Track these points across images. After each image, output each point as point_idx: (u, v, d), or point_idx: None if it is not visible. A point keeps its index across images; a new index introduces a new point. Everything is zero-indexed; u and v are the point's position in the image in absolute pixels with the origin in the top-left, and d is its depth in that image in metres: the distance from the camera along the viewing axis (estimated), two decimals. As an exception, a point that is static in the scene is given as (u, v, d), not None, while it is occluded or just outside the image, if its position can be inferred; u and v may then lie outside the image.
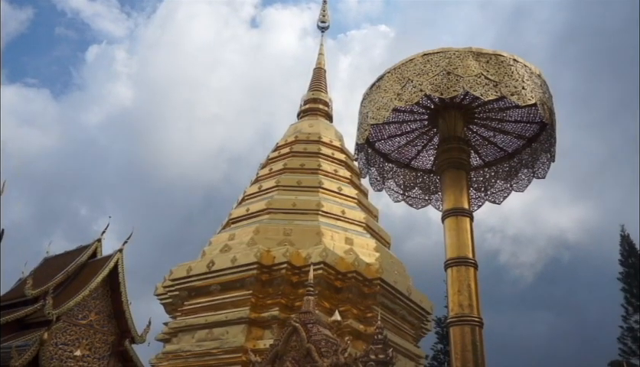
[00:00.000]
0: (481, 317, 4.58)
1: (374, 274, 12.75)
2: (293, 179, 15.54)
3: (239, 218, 15.43)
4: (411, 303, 13.82)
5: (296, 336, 7.37)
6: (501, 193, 6.65)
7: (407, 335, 13.88)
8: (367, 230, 14.92)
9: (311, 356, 7.04)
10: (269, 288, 12.60)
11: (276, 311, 11.98)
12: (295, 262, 12.44)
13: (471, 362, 4.29)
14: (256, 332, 12.13)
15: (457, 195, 5.46)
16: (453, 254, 4.86)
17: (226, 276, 13.06)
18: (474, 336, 4.43)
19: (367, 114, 5.60)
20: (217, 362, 12.00)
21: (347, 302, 12.36)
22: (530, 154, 6.48)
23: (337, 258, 12.62)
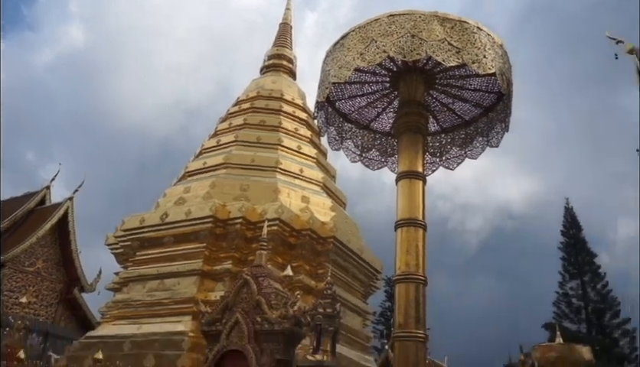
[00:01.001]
0: (426, 276, 4.77)
1: (328, 232, 12.96)
2: (253, 135, 15.36)
3: (195, 171, 15.22)
4: (362, 262, 14.19)
5: (247, 289, 7.46)
6: (455, 159, 6.83)
7: (357, 292, 14.31)
8: (324, 190, 15.05)
9: (261, 308, 7.17)
10: (223, 242, 12.61)
11: (229, 264, 12.06)
12: (250, 218, 12.46)
13: (413, 316, 4.50)
14: (208, 285, 12.21)
15: (412, 158, 5.57)
16: (404, 215, 5.00)
17: (180, 228, 12.96)
18: (417, 293, 4.63)
19: (329, 72, 5.56)
20: (168, 311, 12.05)
21: (300, 258, 12.57)
22: (486, 123, 6.65)
23: (292, 216, 12.72)
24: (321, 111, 6.38)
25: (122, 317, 12.78)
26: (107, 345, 11.59)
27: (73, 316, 24.23)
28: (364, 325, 14.54)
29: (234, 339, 7.34)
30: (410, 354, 4.38)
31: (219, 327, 7.59)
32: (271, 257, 11.85)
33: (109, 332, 12.49)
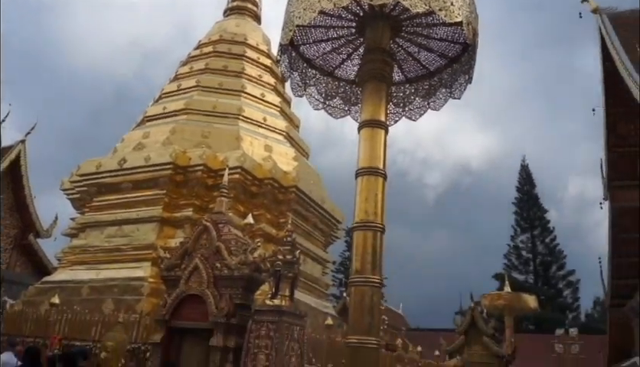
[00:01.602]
0: (384, 224, 4.84)
1: (290, 182, 12.95)
2: (215, 80, 14.91)
3: (155, 116, 14.75)
4: (323, 211, 14.34)
5: (207, 235, 7.42)
6: (418, 110, 6.83)
7: (317, 241, 14.53)
8: (287, 139, 14.92)
9: (221, 254, 7.18)
10: (184, 189, 12.44)
11: (190, 212, 11.95)
12: (211, 165, 12.27)
13: (369, 262, 4.58)
14: (168, 231, 12.10)
15: (375, 106, 5.53)
16: (365, 163, 5.00)
17: (139, 174, 12.67)
18: (375, 241, 4.70)
19: (293, 13, 5.36)
20: (127, 257, 11.94)
21: (261, 207, 12.57)
22: (450, 74, 6.64)
23: (254, 164, 12.61)
24: (284, 55, 6.20)
25: (80, 263, 12.61)
26: (64, 290, 11.46)
27: (28, 262, 23.77)
28: (323, 273, 14.86)
29: (193, 284, 7.35)
30: (366, 298, 4.49)
31: (178, 273, 7.58)
32: (232, 205, 11.80)
33: (67, 278, 12.33)
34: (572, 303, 43.41)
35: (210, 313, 7.04)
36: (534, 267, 44.63)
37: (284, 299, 6.67)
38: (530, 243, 45.21)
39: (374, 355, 4.54)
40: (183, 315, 7.45)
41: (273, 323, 6.54)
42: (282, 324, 6.53)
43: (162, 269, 7.76)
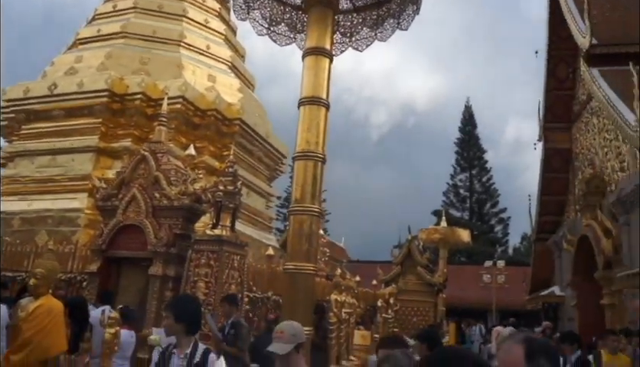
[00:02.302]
0: (325, 154, 4.83)
1: (235, 114, 12.64)
2: (154, 2, 13.94)
3: (88, 39, 13.74)
4: (268, 146, 14.21)
5: (145, 165, 7.20)
6: (364, 40, 6.69)
7: (262, 175, 14.48)
8: (232, 69, 14.40)
9: (159, 184, 7.01)
10: (121, 118, 11.88)
11: (128, 142, 11.48)
12: (150, 94, 11.71)
13: (309, 192, 4.61)
14: (105, 162, 11.64)
15: (321, 34, 5.37)
16: (308, 93, 4.91)
17: (72, 101, 11.94)
18: (315, 170, 4.71)
19: None
20: (61, 188, 11.45)
21: (204, 139, 12.26)
22: (398, 4, 6.49)
23: (197, 94, 12.15)
24: (226, -26, 5.85)
25: (10, 193, 11.97)
26: (-7, 221, 10.93)
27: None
28: (267, 207, 14.94)
29: (131, 214, 7.20)
30: (304, 226, 4.55)
31: (115, 203, 7.38)
32: (174, 136, 11.44)
33: (-5, 208, 11.72)
34: (502, 238, 46.42)
35: (149, 242, 6.96)
36: (470, 204, 46.96)
37: (224, 229, 6.67)
38: (468, 182, 47.29)
39: (311, 280, 4.67)
40: (121, 245, 7.34)
41: (213, 253, 6.57)
42: (222, 253, 6.57)
43: (98, 199, 7.52)
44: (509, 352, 1.66)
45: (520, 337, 1.73)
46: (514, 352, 1.65)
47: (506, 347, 1.70)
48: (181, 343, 3.76)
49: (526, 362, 1.62)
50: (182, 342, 3.76)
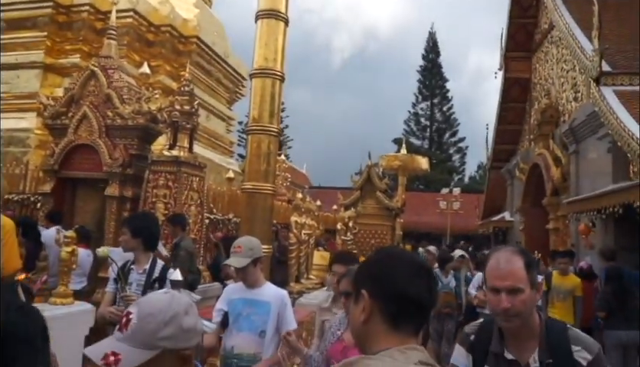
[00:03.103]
0: (283, 72, 4.71)
1: (191, 31, 12.03)
2: None
3: (28, -58, 12.48)
4: (228, 66, 13.72)
5: (95, 81, 6.84)
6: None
7: (222, 97, 14.09)
8: (188, -17, 13.52)
9: (112, 102, 6.72)
10: (68, 32, 11.11)
11: (77, 58, 10.82)
12: (99, 6, 10.91)
13: (267, 110, 4.53)
14: (54, 80, 11.00)
15: (280, -57, 5.04)
16: (265, 5, 4.68)
17: (14, 12, 11.02)
18: (273, 89, 4.60)
19: None
20: (7, 107, 10.82)
21: (159, 57, 11.69)
22: None
23: (150, 8, 11.42)
24: None
25: (-50, 111, 11.26)
26: None
27: None
28: (228, 130, 14.68)
29: (83, 133, 6.93)
30: (262, 146, 4.51)
31: (65, 121, 7.06)
32: (127, 53, 10.85)
33: None
34: (459, 167, 47.80)
35: (104, 163, 6.77)
36: (430, 133, 47.68)
37: (182, 150, 6.55)
38: (429, 111, 47.69)
39: (269, 201, 4.70)
40: (74, 165, 7.11)
41: (171, 174, 6.48)
42: (180, 175, 6.49)
43: (46, 117, 7.17)
44: (511, 261, 1.70)
45: (515, 249, 1.78)
46: (515, 263, 1.70)
47: (506, 257, 1.72)
48: (139, 259, 3.77)
49: (526, 271, 1.69)
50: (140, 258, 3.77)
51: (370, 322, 1.19)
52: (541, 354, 1.68)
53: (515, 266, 1.69)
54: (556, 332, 1.72)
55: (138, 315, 1.27)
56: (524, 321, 1.69)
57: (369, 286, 1.21)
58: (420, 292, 1.19)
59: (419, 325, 1.21)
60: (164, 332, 1.25)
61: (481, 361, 1.78)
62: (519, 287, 1.66)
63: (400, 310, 1.18)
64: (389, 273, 1.21)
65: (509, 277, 1.67)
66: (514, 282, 1.66)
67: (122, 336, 1.25)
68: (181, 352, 1.29)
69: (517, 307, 1.65)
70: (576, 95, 13.51)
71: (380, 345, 1.16)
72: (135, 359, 1.22)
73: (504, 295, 1.66)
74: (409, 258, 1.28)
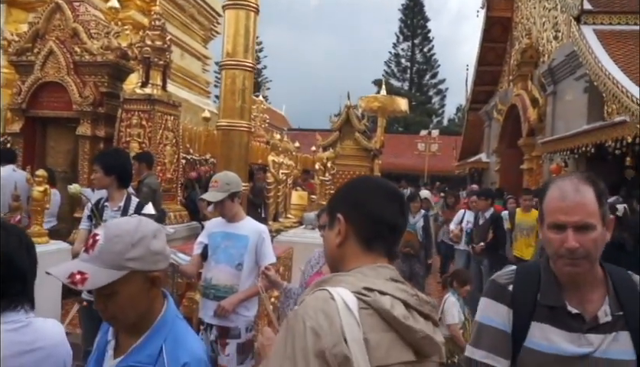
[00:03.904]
0: (258, 4, 4.54)
1: (162, -37, 11.42)
2: None
3: None
4: (202, 1, 13.16)
5: (60, 15, 6.50)
6: None
7: (196, 35, 13.59)
8: None
9: (79, 37, 6.43)
10: (30, -37, 10.45)
11: (41, -9, 10.25)
12: None
13: (242, 45, 4.40)
14: (18, 15, 10.40)
15: None
16: None
17: (-33, -61, 10.27)
18: (248, 22, 4.45)
19: None
20: (-32, 43, 10.30)
21: (130, -8, 11.14)
22: None
23: (117, -62, 10.75)
24: None
25: None
26: None
27: None
28: (203, 70, 14.28)
29: (50, 70, 6.66)
30: (237, 82, 4.41)
31: (30, 57, 6.77)
32: (94, -13, 10.30)
33: None
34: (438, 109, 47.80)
35: (74, 101, 6.57)
36: (410, 75, 47.24)
37: (155, 88, 6.37)
38: (409, 51, 47.01)
39: (245, 138, 4.65)
40: (43, 104, 6.89)
41: (145, 112, 6.33)
42: (154, 113, 6.34)
43: (10, 53, 6.85)
44: (580, 191, 1.37)
45: (584, 176, 1.42)
46: (586, 193, 1.37)
47: (573, 186, 1.38)
48: (113, 196, 3.73)
49: (598, 204, 1.37)
50: (114, 195, 3.73)
51: (345, 245, 1.22)
52: (612, 306, 1.38)
53: (586, 197, 1.37)
54: (622, 279, 1.44)
55: (105, 236, 1.27)
56: (592, 265, 1.38)
57: (344, 210, 1.23)
58: (394, 215, 1.22)
59: (391, 246, 1.25)
60: (131, 254, 1.25)
61: (527, 317, 1.42)
62: (590, 222, 1.35)
63: (374, 232, 1.21)
64: (364, 197, 1.24)
65: (578, 211, 1.35)
66: (585, 216, 1.35)
67: (88, 257, 1.25)
68: (149, 274, 1.30)
69: (586, 247, 1.34)
70: (557, 34, 13.42)
71: (353, 264, 1.20)
72: (102, 279, 1.23)
73: (570, 232, 1.34)
74: (384, 183, 1.30)
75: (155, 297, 1.34)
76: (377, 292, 1.09)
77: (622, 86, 7.90)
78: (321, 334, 1.01)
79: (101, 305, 1.28)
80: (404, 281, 1.17)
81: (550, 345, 1.37)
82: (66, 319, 2.60)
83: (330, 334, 1.01)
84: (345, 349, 1.00)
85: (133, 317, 1.29)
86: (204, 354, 1.34)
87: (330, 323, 1.02)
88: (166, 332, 1.31)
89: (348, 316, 1.03)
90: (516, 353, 1.41)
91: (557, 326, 1.38)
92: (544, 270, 1.45)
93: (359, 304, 1.06)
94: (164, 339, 1.30)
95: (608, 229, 1.40)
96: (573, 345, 1.36)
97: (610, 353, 1.34)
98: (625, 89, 7.80)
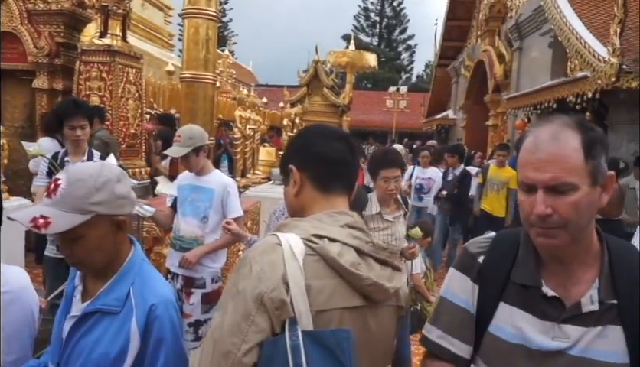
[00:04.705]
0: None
1: None
2: None
3: None
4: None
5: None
6: None
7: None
8: None
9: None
10: None
11: None
12: None
13: (205, -8, 4.24)
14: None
15: None
16: None
17: None
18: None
19: None
20: None
21: None
22: None
23: None
24: None
25: None
26: None
27: None
28: (166, 22, 13.75)
29: (3, 19, 6.29)
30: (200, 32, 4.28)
31: (-22, 4, 6.35)
32: None
33: None
34: (407, 65, 47.66)
35: (29, 52, 6.27)
36: (380, 30, 46.67)
37: (115, 38, 6.11)
38: (379, 5, 46.27)
39: (210, 91, 4.56)
40: (-4, 55, 6.54)
41: (104, 64, 6.09)
42: (114, 65, 6.11)
43: (-44, 0, 6.41)
44: (558, 139, 1.03)
45: (568, 120, 1.06)
46: (566, 142, 1.03)
47: (551, 132, 1.04)
48: (75, 151, 3.64)
49: (583, 155, 1.02)
50: (75, 150, 3.63)
51: (302, 193, 1.24)
52: (602, 290, 1.05)
53: (565, 147, 1.02)
54: (625, 256, 1.09)
55: (68, 180, 1.25)
56: (575, 237, 1.04)
57: (294, 159, 1.25)
58: (340, 152, 1.24)
59: (348, 184, 1.26)
60: (95, 198, 1.24)
61: (496, 296, 1.14)
62: (567, 181, 1.01)
63: (325, 172, 1.23)
64: (309, 141, 1.25)
65: (551, 166, 1.01)
66: (560, 173, 1.01)
67: (50, 202, 1.24)
68: (115, 218, 1.30)
69: (563, 214, 1.01)
70: (525, -11, 13.42)
71: (311, 211, 1.22)
72: (65, 223, 1.22)
73: (540, 194, 1.02)
74: (328, 127, 1.33)
75: (121, 242, 1.34)
76: (326, 239, 1.11)
77: (585, 41, 8.03)
78: (263, 278, 1.04)
79: (67, 250, 1.28)
80: (361, 228, 1.19)
81: (515, 334, 1.09)
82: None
83: (270, 279, 1.04)
84: (283, 294, 1.03)
85: (100, 261, 1.30)
86: (172, 296, 1.36)
87: (272, 268, 1.05)
88: (133, 275, 1.32)
89: (292, 262, 1.05)
90: (479, 338, 1.16)
91: (528, 310, 1.09)
92: (523, 240, 1.14)
93: (306, 251, 1.08)
94: (131, 282, 1.31)
95: (605, 190, 1.06)
96: (545, 336, 1.06)
97: (592, 352, 1.03)
98: (588, 44, 7.93)
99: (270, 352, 1.02)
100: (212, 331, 1.07)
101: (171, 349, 1.27)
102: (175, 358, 1.28)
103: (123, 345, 1.24)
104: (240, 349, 1.02)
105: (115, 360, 1.23)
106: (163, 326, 1.26)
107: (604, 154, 1.05)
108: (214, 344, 1.05)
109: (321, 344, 1.03)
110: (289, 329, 1.02)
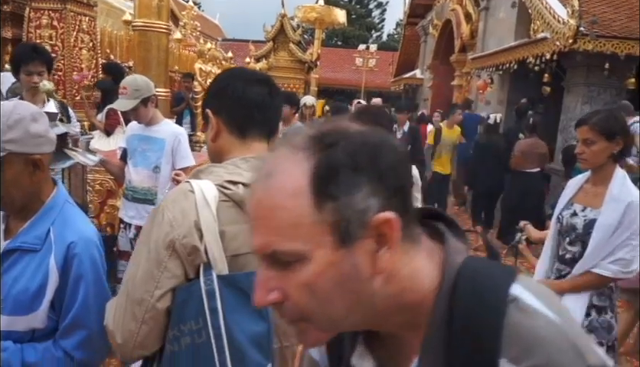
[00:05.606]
0: None
1: None
2: None
3: None
4: None
5: None
6: None
7: None
8: None
9: None
10: None
11: None
12: None
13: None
14: None
15: None
16: None
17: None
18: None
19: None
20: None
21: None
22: None
23: None
24: None
25: None
26: None
27: None
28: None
29: None
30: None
31: None
32: None
33: None
34: (378, 23, 47.05)
35: (-28, -4, 5.92)
36: (352, -13, 45.64)
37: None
38: (351, -40, 45.10)
39: (164, 40, 4.45)
40: (-64, -2, 6.16)
41: (55, 12, 5.84)
42: (66, 13, 5.86)
43: None
44: (271, 176, 0.59)
45: (302, 138, 0.61)
46: (282, 180, 0.59)
47: (270, 164, 0.61)
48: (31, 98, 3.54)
49: (315, 201, 0.57)
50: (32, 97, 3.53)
51: (219, 138, 1.24)
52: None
53: (278, 190, 0.59)
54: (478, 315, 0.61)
55: (-20, 119, 1.24)
56: (336, 330, 0.68)
57: (211, 103, 1.25)
58: (260, 94, 1.24)
59: (267, 128, 1.28)
60: (8, 136, 1.24)
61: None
62: (284, 249, 0.59)
63: (241, 115, 1.23)
64: (226, 85, 1.25)
65: (260, 223, 0.61)
66: (270, 235, 0.60)
67: (-40, 141, 1.23)
68: (30, 157, 1.30)
69: (294, 300, 0.62)
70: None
71: (228, 156, 1.23)
72: None
73: (261, 270, 0.66)
74: (249, 70, 1.33)
75: (41, 181, 1.34)
76: (240, 185, 1.12)
77: (547, 2, 8.10)
78: (175, 225, 1.06)
79: None
80: None
81: None
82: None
83: (182, 226, 1.06)
84: (195, 240, 1.05)
85: (19, 200, 1.30)
86: (94, 235, 1.38)
87: (184, 215, 1.07)
88: (55, 214, 1.34)
89: (205, 209, 1.07)
90: None
91: None
92: None
93: (220, 197, 1.10)
94: (52, 221, 1.32)
95: (386, 243, 0.60)
96: None
97: None
98: (549, 5, 8.01)
99: (184, 296, 1.05)
100: (125, 283, 1.10)
101: (91, 286, 1.31)
102: (96, 294, 1.32)
103: (42, 281, 1.26)
104: (152, 295, 1.05)
105: (34, 295, 1.26)
106: (82, 263, 1.29)
107: (349, 193, 0.57)
108: (127, 294, 1.07)
109: (236, 287, 1.07)
110: (204, 275, 1.06)
